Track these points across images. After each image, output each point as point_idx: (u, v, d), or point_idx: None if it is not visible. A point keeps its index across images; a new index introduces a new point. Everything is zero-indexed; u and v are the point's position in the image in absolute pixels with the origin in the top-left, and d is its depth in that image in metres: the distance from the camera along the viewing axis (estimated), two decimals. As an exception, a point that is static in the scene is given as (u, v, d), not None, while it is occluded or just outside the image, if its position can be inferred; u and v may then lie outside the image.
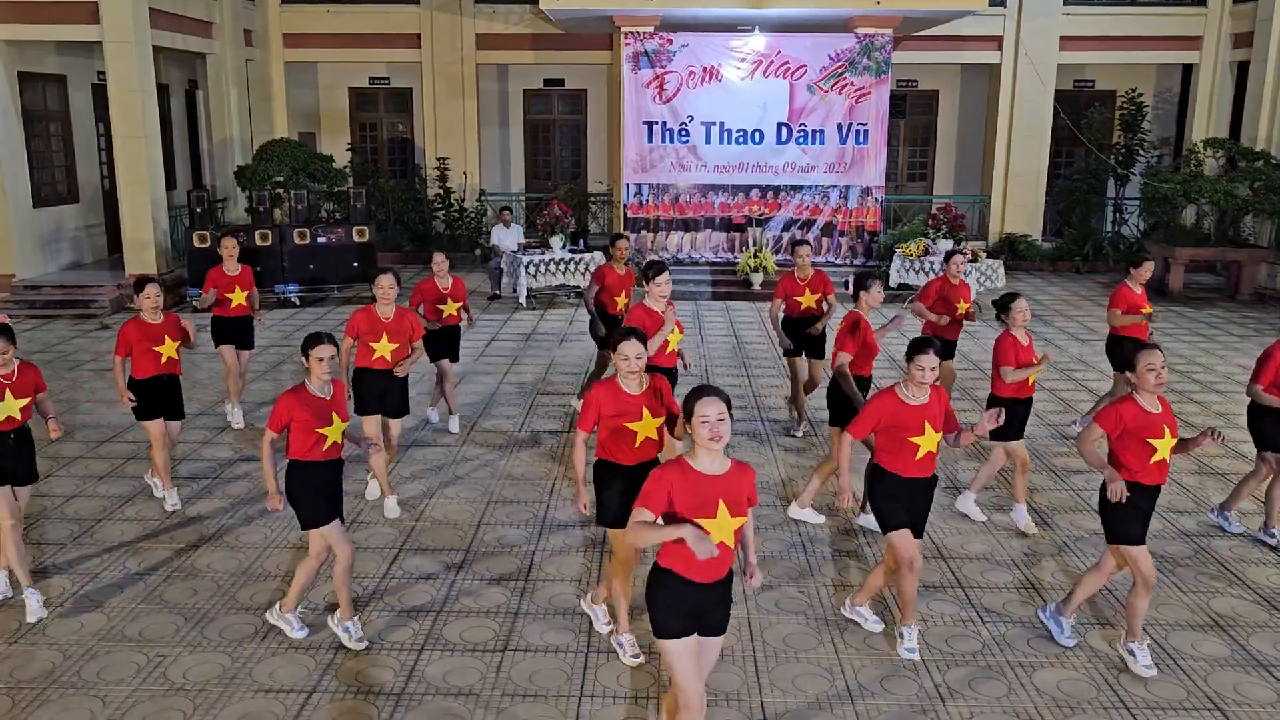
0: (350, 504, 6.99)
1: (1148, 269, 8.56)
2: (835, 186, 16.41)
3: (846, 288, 9.38)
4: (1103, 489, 5.10)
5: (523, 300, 14.93)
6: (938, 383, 5.25)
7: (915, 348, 5.09)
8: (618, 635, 5.25)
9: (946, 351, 8.31)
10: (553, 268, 14.99)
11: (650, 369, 5.11)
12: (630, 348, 4.79)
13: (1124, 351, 8.12)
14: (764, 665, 5.18)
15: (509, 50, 19.43)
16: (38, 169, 15.08)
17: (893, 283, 15.10)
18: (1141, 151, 18.49)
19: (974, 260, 14.42)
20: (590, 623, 5.55)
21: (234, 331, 8.98)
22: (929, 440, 5.13)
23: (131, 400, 6.85)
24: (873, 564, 6.29)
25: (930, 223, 15.62)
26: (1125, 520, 5.06)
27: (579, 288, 15.20)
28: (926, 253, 14.95)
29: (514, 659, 5.21)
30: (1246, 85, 17.56)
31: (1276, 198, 15.48)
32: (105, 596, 5.85)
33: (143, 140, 14.43)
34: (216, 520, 6.99)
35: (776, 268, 15.88)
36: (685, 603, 3.81)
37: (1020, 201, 18.85)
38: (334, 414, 5.20)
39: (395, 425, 7.35)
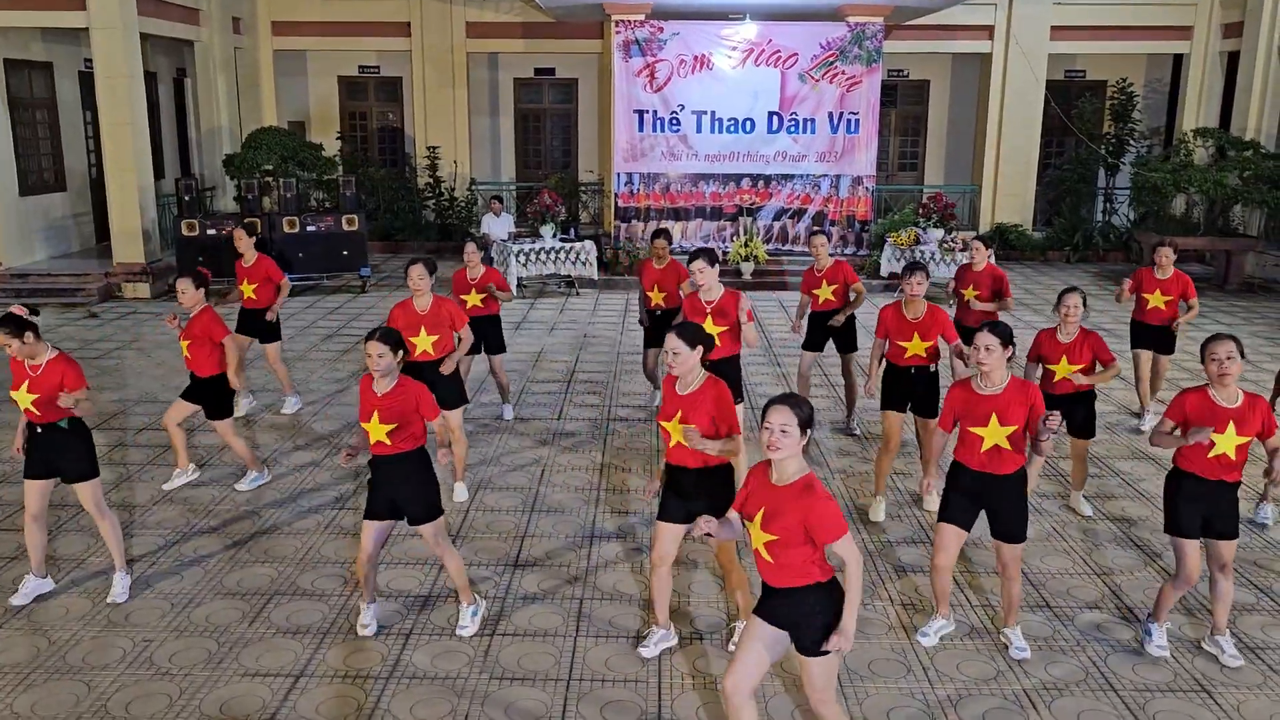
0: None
1: (1165, 254, 8.40)
2: (826, 176, 16.39)
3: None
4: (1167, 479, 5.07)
5: (514, 288, 14.89)
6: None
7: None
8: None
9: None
10: (543, 256, 14.95)
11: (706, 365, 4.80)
12: (668, 342, 4.66)
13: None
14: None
15: (500, 39, 19.34)
16: (24, 157, 14.97)
17: (882, 272, 15.13)
18: (1132, 141, 18.52)
19: (964, 249, 14.42)
20: (579, 607, 5.55)
21: (251, 325, 8.86)
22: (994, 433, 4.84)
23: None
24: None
25: (921, 212, 15.62)
26: (1173, 509, 4.98)
27: (569, 276, 15.19)
28: (917, 241, 14.96)
29: (503, 643, 5.20)
30: (1237, 75, 17.59)
31: (1265, 187, 15.51)
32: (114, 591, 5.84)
33: (130, 127, 14.33)
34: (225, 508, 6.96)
35: (767, 257, 15.87)
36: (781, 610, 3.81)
37: (1011, 191, 18.86)
38: (374, 411, 4.99)
39: (454, 415, 6.86)
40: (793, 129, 16.28)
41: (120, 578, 5.64)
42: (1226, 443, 4.80)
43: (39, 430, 5.47)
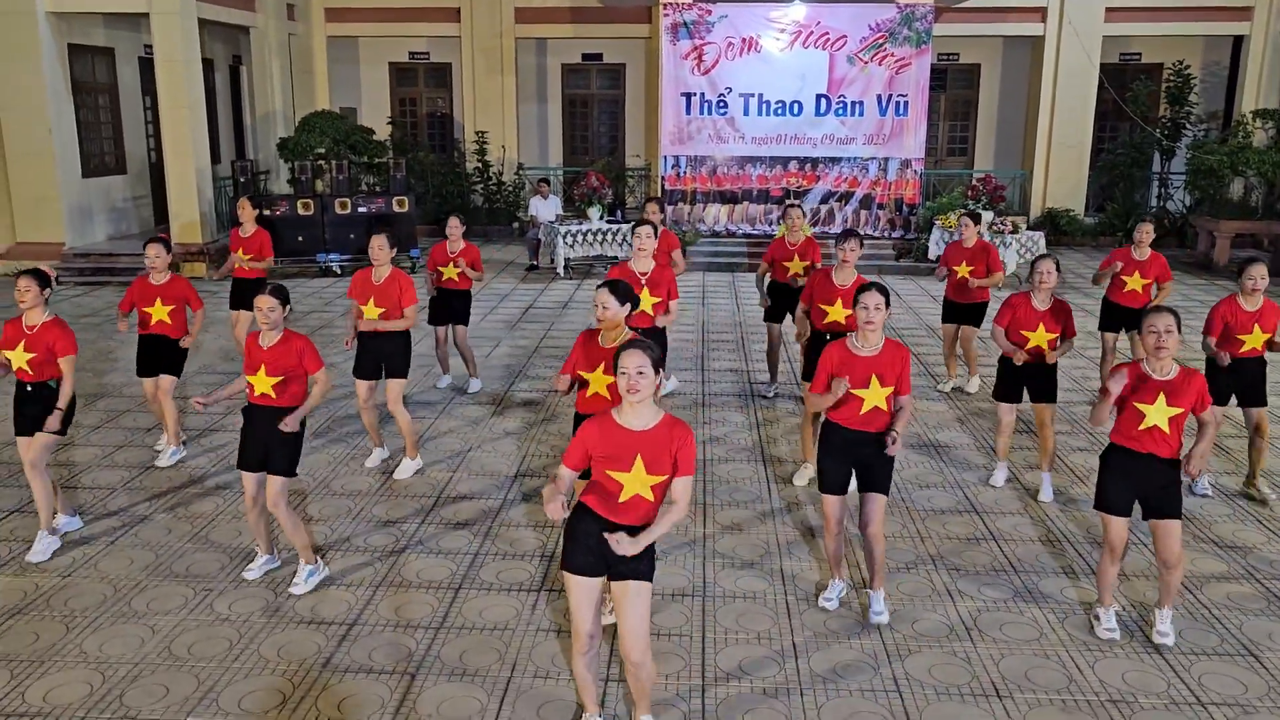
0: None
1: (1144, 231, 8.44)
2: (874, 158, 16.29)
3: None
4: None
5: (560, 270, 15.03)
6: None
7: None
8: None
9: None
10: (590, 238, 15.06)
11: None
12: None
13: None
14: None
15: (548, 24, 19.46)
16: (86, 140, 15.38)
17: (930, 255, 15.03)
18: (1188, 125, 18.15)
19: (1014, 231, 14.29)
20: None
21: (244, 296, 8.98)
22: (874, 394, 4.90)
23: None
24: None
25: (969, 194, 15.47)
26: (1101, 484, 4.94)
27: (615, 258, 15.27)
28: (965, 224, 14.80)
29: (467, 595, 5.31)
30: (1298, 56, 17.18)
31: (1327, 170, 15.16)
32: (151, 536, 6.04)
33: (188, 111, 14.67)
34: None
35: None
36: (592, 538, 3.80)
37: (1062, 176, 18.60)
38: (261, 364, 5.23)
39: (392, 386, 6.98)
40: (840, 111, 16.21)
41: (44, 535, 5.80)
42: (1157, 414, 4.73)
43: (28, 389, 5.73)
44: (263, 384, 5.23)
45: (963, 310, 9.01)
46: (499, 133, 19.62)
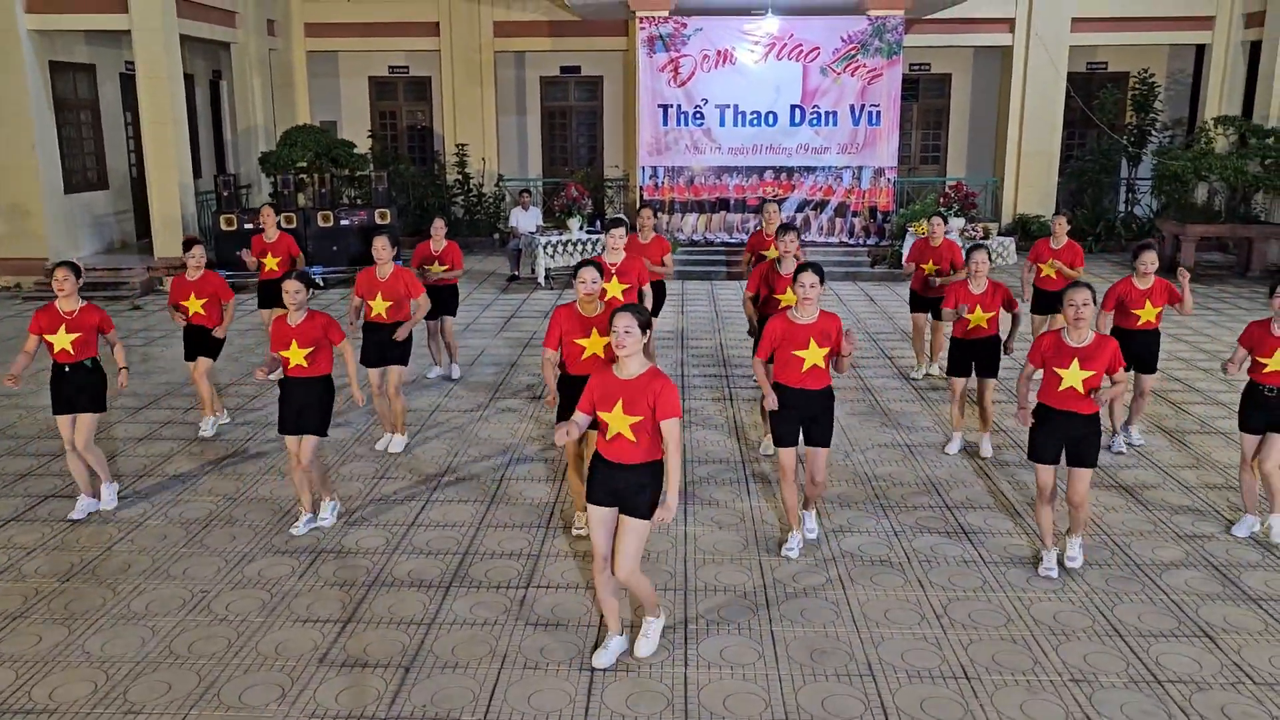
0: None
1: (1059, 224, 9.53)
2: (848, 167, 16.62)
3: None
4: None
5: (541, 280, 15.23)
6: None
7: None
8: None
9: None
10: (570, 248, 15.27)
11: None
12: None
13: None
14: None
15: (526, 37, 19.71)
16: (68, 156, 15.47)
17: (904, 261, 15.33)
18: (1154, 132, 18.59)
19: (985, 236, 14.63)
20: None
21: (271, 295, 9.61)
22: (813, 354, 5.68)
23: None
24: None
25: (941, 201, 15.81)
26: (1031, 437, 5.74)
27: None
28: (938, 231, 15.13)
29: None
30: (1259, 64, 17.63)
31: (1287, 174, 15.58)
32: (145, 542, 6.21)
33: (170, 126, 14.81)
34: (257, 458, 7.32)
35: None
36: (608, 480, 4.61)
37: (1033, 183, 18.99)
38: (292, 339, 6.15)
39: (394, 373, 7.74)
40: (815, 121, 16.52)
41: (107, 487, 6.70)
42: (1072, 377, 5.48)
43: (66, 370, 6.43)
44: (296, 356, 6.14)
45: (928, 303, 9.70)
46: (479, 145, 19.83)
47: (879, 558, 5.99)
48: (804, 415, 5.76)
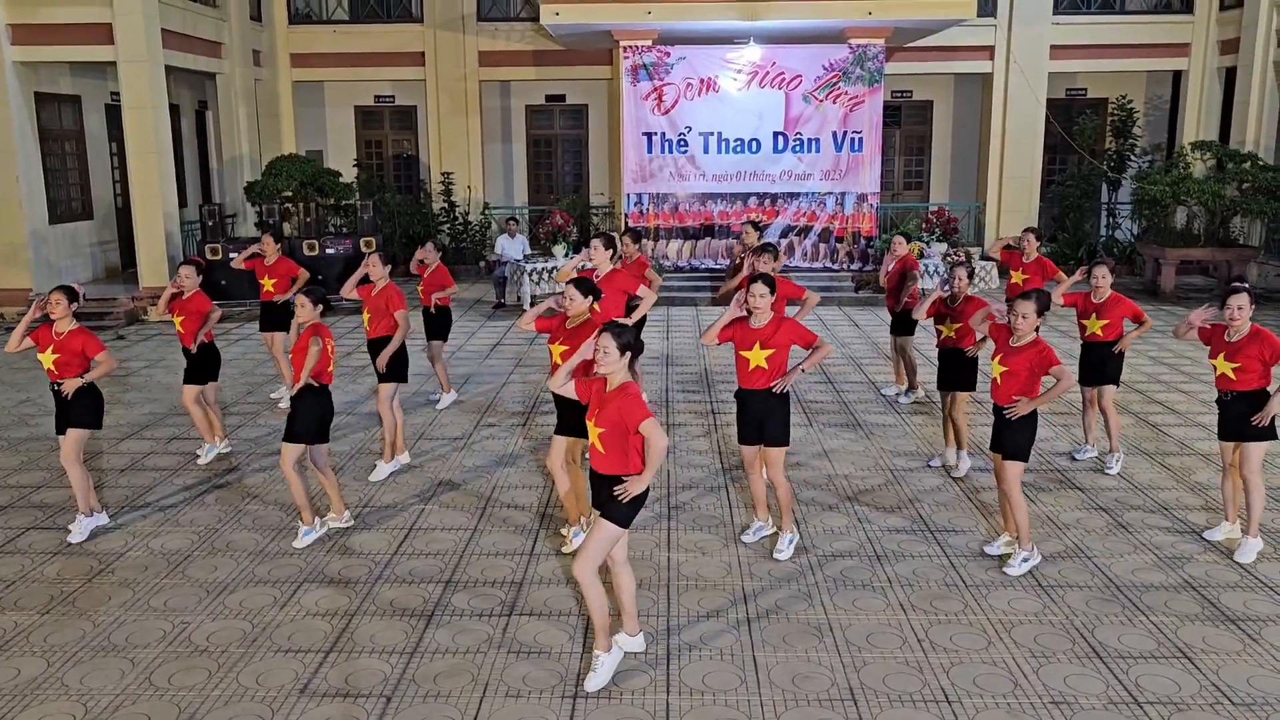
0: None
1: (1030, 241, 9.69)
2: (831, 193, 16.76)
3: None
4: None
5: (527, 307, 15.27)
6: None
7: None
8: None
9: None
10: (556, 275, 15.32)
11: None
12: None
13: None
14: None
15: (511, 67, 19.88)
16: (53, 186, 15.51)
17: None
18: (1133, 157, 18.82)
19: (968, 260, 14.75)
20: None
21: (273, 319, 9.81)
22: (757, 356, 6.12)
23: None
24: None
25: (924, 226, 15.94)
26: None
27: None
28: (921, 255, 15.27)
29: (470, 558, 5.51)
30: (1234, 90, 17.90)
31: (1264, 198, 15.79)
32: (126, 574, 6.17)
33: (155, 156, 14.85)
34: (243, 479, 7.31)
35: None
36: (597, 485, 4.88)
37: (1014, 208, 19.18)
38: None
39: (385, 388, 7.82)
40: (798, 148, 16.67)
41: (80, 519, 6.74)
42: (996, 370, 6.16)
43: (55, 387, 6.63)
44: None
45: (898, 321, 9.95)
46: (464, 173, 19.93)
47: (861, 581, 6.01)
48: (756, 415, 6.22)
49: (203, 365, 8.14)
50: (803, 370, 6.20)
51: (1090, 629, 5.40)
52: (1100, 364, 7.83)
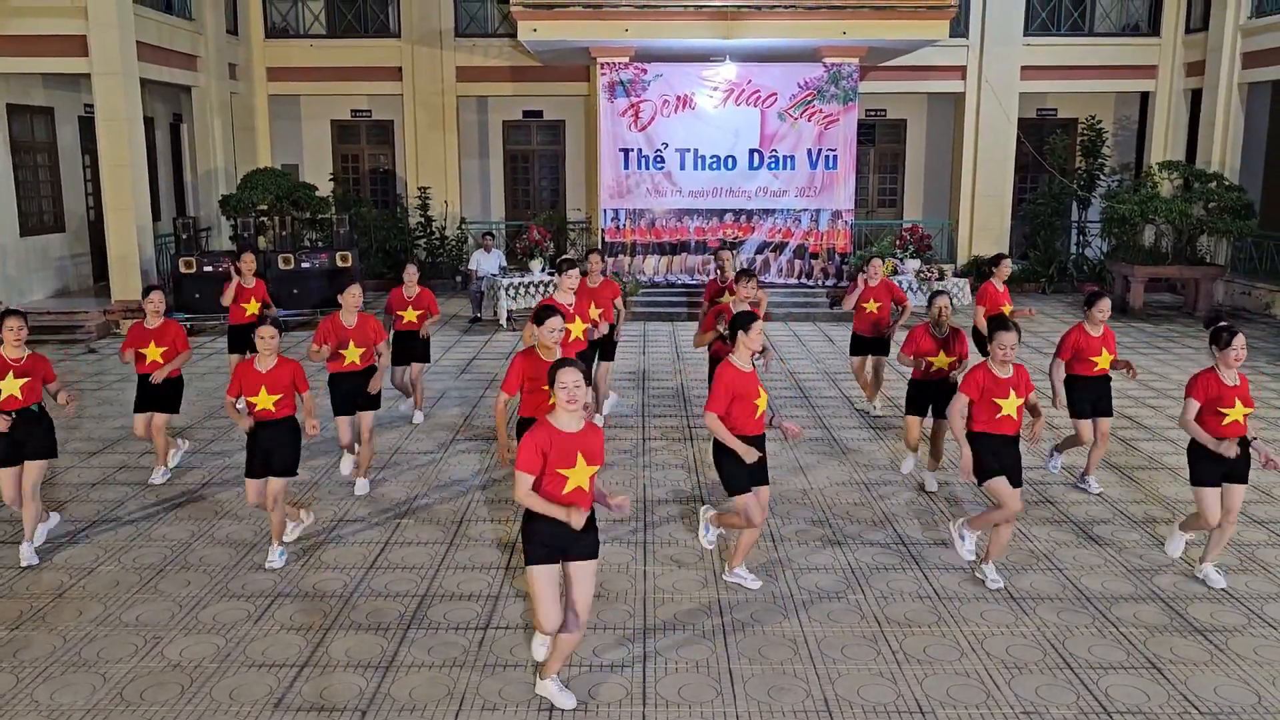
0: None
1: (1006, 267, 9.51)
2: (806, 210, 16.89)
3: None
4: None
5: (503, 322, 15.28)
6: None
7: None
8: None
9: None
10: (532, 290, 15.34)
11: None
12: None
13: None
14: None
15: (489, 82, 19.93)
16: (25, 199, 15.37)
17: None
18: (1102, 176, 19.10)
19: (940, 277, 14.91)
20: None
21: (243, 340, 9.64)
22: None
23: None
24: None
25: (898, 243, 16.10)
26: (979, 463, 6.05)
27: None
28: (895, 272, 15.42)
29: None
30: (1200, 111, 18.24)
31: (1229, 217, 16.07)
32: (97, 588, 6.12)
33: (129, 169, 14.75)
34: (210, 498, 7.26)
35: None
36: (555, 536, 4.56)
37: (986, 225, 19.41)
38: (262, 385, 6.28)
39: (367, 418, 7.78)
40: (773, 165, 16.81)
41: (26, 544, 6.53)
42: (1010, 406, 6.02)
43: (14, 415, 6.31)
44: (265, 401, 6.27)
45: (871, 343, 9.84)
46: (441, 188, 19.93)
47: (836, 593, 6.06)
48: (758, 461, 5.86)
49: (169, 396, 7.94)
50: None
51: (1061, 640, 5.47)
52: (1107, 395, 7.66)
